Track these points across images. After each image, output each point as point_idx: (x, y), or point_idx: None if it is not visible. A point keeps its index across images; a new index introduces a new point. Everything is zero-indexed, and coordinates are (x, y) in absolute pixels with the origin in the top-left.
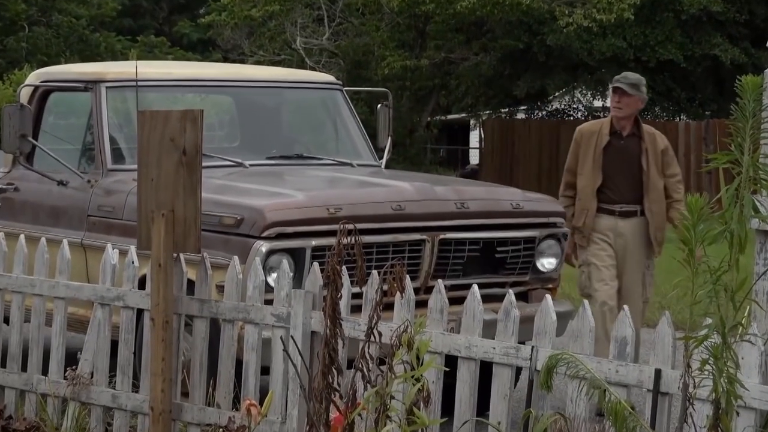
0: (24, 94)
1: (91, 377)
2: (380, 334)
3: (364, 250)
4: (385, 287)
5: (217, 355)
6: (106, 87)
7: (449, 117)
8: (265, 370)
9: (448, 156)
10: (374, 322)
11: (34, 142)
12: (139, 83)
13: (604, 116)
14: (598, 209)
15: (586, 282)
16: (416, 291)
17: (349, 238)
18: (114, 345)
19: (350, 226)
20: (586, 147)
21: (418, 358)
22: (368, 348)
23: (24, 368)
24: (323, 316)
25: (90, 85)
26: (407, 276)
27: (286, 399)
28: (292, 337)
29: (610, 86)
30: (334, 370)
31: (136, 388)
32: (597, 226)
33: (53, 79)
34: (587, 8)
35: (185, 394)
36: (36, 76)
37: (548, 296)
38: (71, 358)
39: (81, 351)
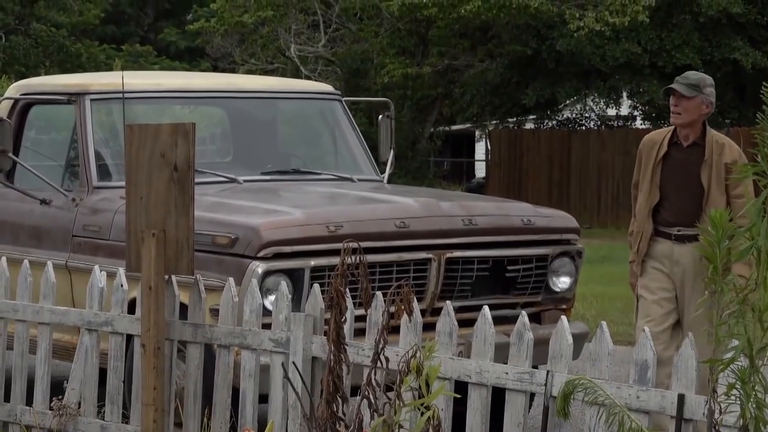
0: (3, 107)
1: (79, 407)
2: (387, 360)
3: (367, 270)
4: (391, 309)
5: (212, 382)
6: (91, 99)
7: (453, 128)
8: (263, 398)
9: (452, 169)
10: (381, 347)
11: (15, 158)
12: (126, 95)
13: (619, 126)
14: (655, 232)
15: (635, 318)
16: (422, 313)
17: (352, 258)
18: (102, 373)
19: (354, 245)
20: (647, 160)
21: (427, 384)
22: (374, 374)
23: (7, 398)
24: (326, 341)
25: (74, 97)
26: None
27: (286, 429)
28: (293, 363)
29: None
30: (338, 398)
31: (126, 418)
32: (652, 251)
33: (34, 91)
34: (599, 11)
35: (179, 425)
36: (16, 89)
37: (564, 318)
38: (57, 388)
39: (67, 380)
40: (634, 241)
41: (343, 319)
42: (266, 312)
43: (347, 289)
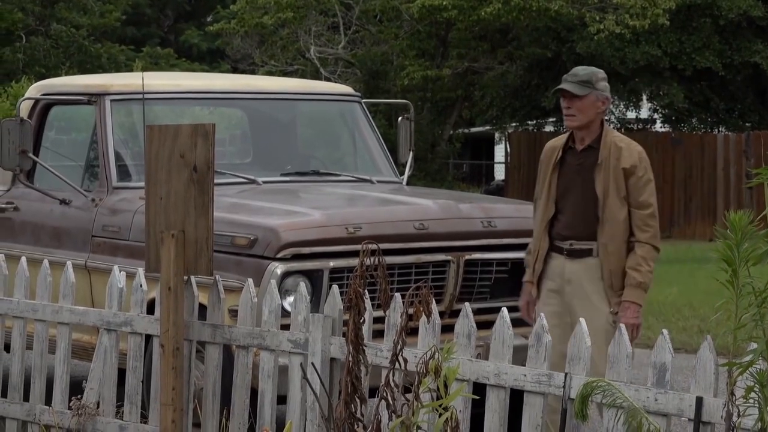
0: (24, 107)
1: (97, 407)
2: (406, 361)
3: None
4: (410, 311)
5: (231, 383)
6: (111, 100)
7: (473, 130)
8: (281, 399)
9: (471, 171)
10: (399, 348)
11: (35, 158)
12: (146, 96)
13: (638, 129)
14: (551, 248)
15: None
16: (440, 315)
17: (371, 259)
18: (121, 373)
19: (373, 247)
20: (545, 169)
21: (445, 385)
22: (393, 375)
23: (26, 398)
24: (345, 342)
25: (94, 98)
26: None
27: (304, 429)
28: (312, 364)
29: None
30: (357, 399)
31: (144, 418)
32: (547, 270)
33: (55, 91)
34: (619, 14)
35: (197, 425)
36: (36, 89)
37: (582, 320)
38: (76, 387)
39: (86, 379)
40: (531, 261)
41: (362, 321)
42: (284, 313)
43: (366, 291)
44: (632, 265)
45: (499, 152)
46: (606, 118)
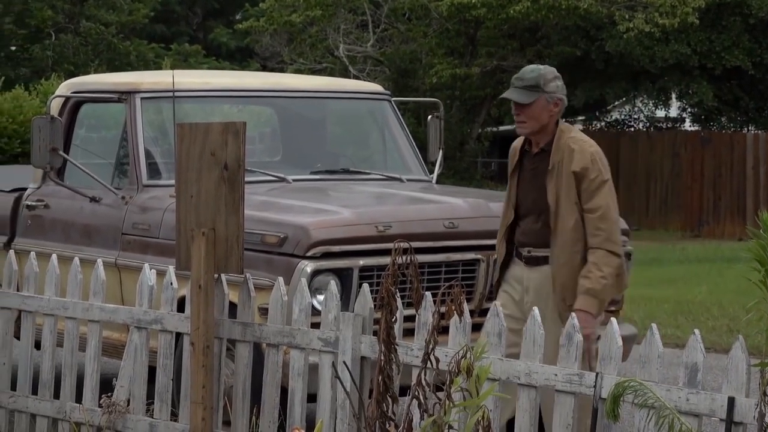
0: (54, 105)
1: (128, 405)
2: (437, 360)
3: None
4: (441, 310)
5: (261, 381)
6: (142, 98)
7: (501, 128)
8: (311, 398)
9: (500, 170)
10: (431, 347)
11: (66, 156)
12: (176, 94)
13: (668, 128)
14: (514, 254)
15: None
16: (470, 313)
17: (402, 258)
18: (151, 371)
19: (405, 245)
20: (509, 172)
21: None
22: (425, 374)
23: (56, 395)
24: (375, 340)
25: (124, 95)
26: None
27: (335, 428)
28: (344, 363)
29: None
30: (389, 398)
31: (174, 416)
32: (508, 275)
33: (85, 89)
34: (649, 12)
35: (227, 423)
36: (67, 87)
37: (614, 320)
38: (106, 385)
39: (116, 377)
40: (495, 267)
41: (393, 320)
42: (313, 311)
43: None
44: (583, 273)
45: None
46: (569, 120)
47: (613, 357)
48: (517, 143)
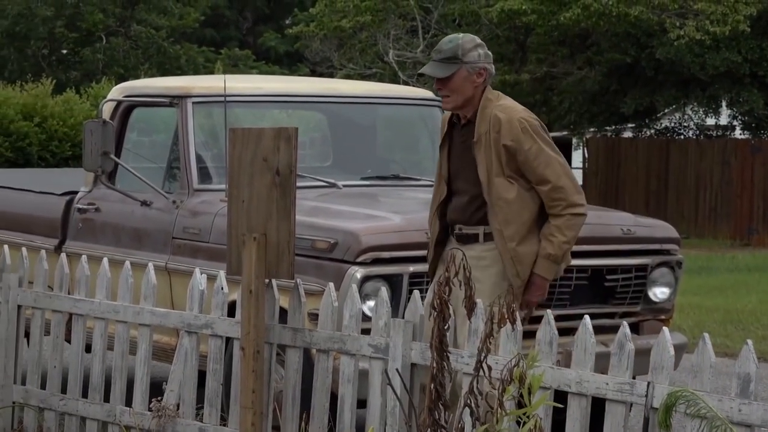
0: (106, 109)
1: (177, 409)
2: (490, 369)
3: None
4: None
5: (311, 387)
6: (193, 102)
7: (551, 135)
8: (361, 404)
9: None
10: (484, 355)
11: (117, 160)
12: (228, 98)
13: (717, 136)
14: (444, 230)
15: None
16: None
17: (455, 265)
18: (201, 375)
19: (458, 253)
20: (439, 144)
21: (529, 393)
22: (477, 383)
23: (107, 399)
24: (426, 347)
25: (176, 100)
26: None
27: None
28: (397, 370)
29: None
30: (440, 405)
31: (224, 421)
32: (443, 257)
33: (137, 93)
34: (700, 20)
35: (276, 428)
36: (119, 91)
37: (665, 329)
38: (156, 389)
39: (166, 381)
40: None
41: (446, 327)
42: (363, 317)
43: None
44: (545, 234)
45: (577, 157)
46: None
47: (665, 366)
48: (447, 115)
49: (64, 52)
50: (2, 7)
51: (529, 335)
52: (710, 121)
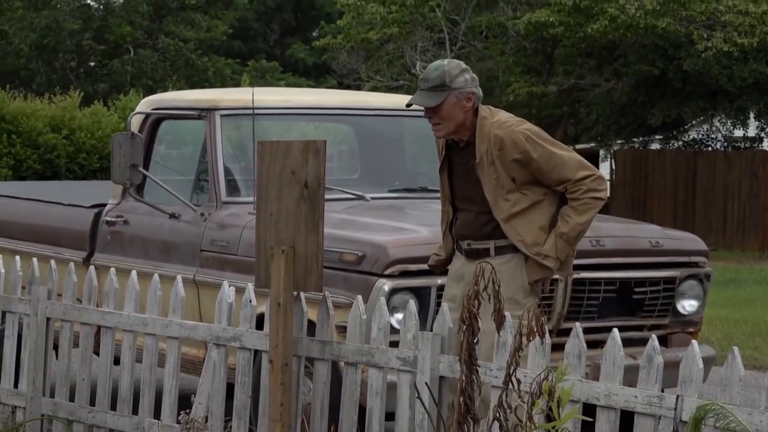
0: (134, 121)
1: (206, 422)
2: (519, 382)
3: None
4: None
5: (339, 399)
6: (221, 115)
7: (578, 147)
8: (389, 416)
9: None
10: (513, 369)
11: (145, 172)
12: (256, 111)
13: (746, 147)
14: (456, 247)
15: None
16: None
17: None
18: (229, 388)
19: (488, 266)
20: (439, 167)
21: (558, 406)
22: (506, 396)
23: (135, 411)
24: (454, 360)
25: (204, 112)
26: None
27: None
28: (426, 383)
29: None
30: (470, 419)
31: None
32: (451, 272)
33: (165, 106)
34: (727, 31)
35: None
36: (147, 103)
37: (694, 342)
38: (184, 401)
39: (194, 394)
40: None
41: (475, 341)
42: (391, 330)
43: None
44: (562, 214)
45: (605, 169)
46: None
47: (694, 379)
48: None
49: (92, 64)
50: (30, 21)
51: (557, 348)
52: (738, 132)
